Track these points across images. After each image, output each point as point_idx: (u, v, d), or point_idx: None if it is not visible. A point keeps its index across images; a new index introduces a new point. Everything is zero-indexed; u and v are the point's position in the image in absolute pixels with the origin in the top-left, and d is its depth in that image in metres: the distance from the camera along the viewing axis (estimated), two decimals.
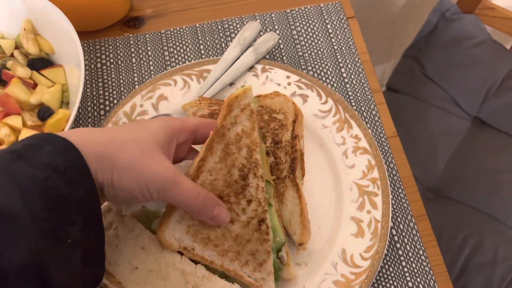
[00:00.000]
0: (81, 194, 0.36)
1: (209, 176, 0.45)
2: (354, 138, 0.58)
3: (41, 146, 0.36)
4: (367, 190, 0.55)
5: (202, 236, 0.44)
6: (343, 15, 0.70)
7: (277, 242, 0.47)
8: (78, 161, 0.36)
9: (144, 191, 0.39)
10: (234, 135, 0.45)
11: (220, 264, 0.44)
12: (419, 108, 1.04)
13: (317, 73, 0.65)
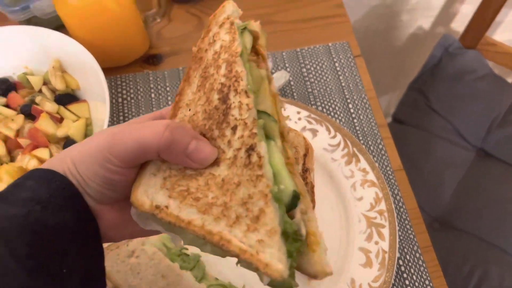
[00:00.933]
0: (70, 219, 0.34)
1: (187, 111, 0.37)
2: (362, 172, 0.61)
3: (23, 182, 0.36)
4: (375, 222, 0.58)
5: (180, 189, 0.34)
6: (350, 54, 0.74)
7: (284, 191, 0.32)
8: (62, 186, 0.35)
9: (105, 164, 0.34)
10: (212, 54, 0.38)
11: (201, 225, 0.32)
12: (425, 139, 1.07)
13: (325, 109, 0.69)
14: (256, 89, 0.36)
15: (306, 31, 0.76)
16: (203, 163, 0.34)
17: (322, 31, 0.76)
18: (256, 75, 0.36)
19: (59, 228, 0.34)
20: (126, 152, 0.33)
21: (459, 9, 1.25)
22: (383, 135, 0.67)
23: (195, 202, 0.33)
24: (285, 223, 0.31)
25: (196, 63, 0.38)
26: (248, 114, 0.34)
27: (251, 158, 0.33)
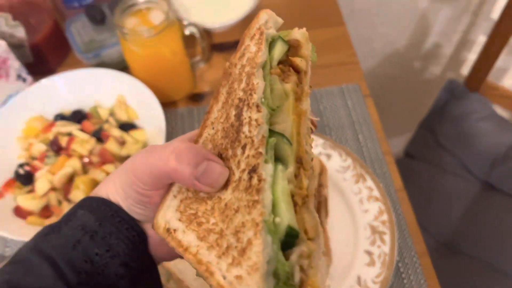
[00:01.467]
0: (120, 245, 0.36)
1: (211, 130, 0.35)
2: (368, 189, 0.73)
3: (75, 212, 0.38)
4: (378, 230, 0.69)
5: (190, 212, 0.33)
6: (361, 94, 0.88)
7: (279, 224, 0.28)
8: (110, 214, 0.37)
9: (133, 187, 0.35)
10: (239, 69, 0.34)
11: (194, 252, 0.30)
12: (434, 173, 1.18)
13: (338, 138, 0.82)
14: (276, 106, 0.33)
15: (323, 75, 0.90)
16: (213, 186, 0.32)
17: (336, 75, 0.90)
18: (277, 89, 0.33)
19: (111, 256, 0.35)
20: (144, 177, 0.34)
21: (467, 56, 1.39)
22: (388, 161, 0.79)
23: (198, 227, 0.31)
24: (278, 262, 0.27)
25: (226, 79, 0.36)
26: (257, 131, 0.30)
27: (252, 181, 0.29)
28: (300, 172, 0.31)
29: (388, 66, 1.42)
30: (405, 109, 1.47)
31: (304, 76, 0.34)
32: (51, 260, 0.35)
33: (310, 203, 0.31)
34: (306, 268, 0.28)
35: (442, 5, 1.27)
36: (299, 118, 0.32)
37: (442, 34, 1.36)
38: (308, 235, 0.29)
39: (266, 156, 0.30)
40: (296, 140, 0.32)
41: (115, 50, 0.88)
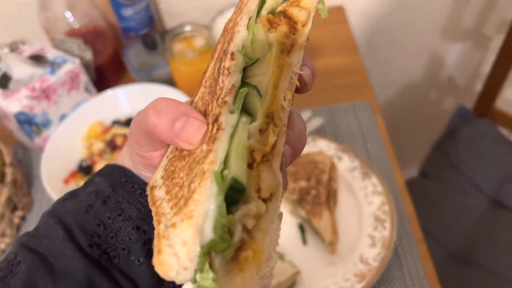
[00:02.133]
0: (133, 208, 0.38)
1: (203, 88, 0.33)
2: (372, 185, 0.85)
3: (93, 178, 0.40)
4: (380, 218, 0.81)
5: (171, 170, 0.32)
6: (371, 110, 1.01)
7: (226, 177, 0.27)
8: (122, 180, 0.38)
9: (135, 150, 0.36)
10: (233, 22, 0.32)
11: (158, 205, 0.30)
12: (445, 190, 1.27)
13: (350, 145, 0.95)
14: (256, 56, 0.30)
15: (338, 94, 1.05)
16: (190, 142, 0.29)
17: (350, 94, 1.04)
18: (260, 39, 0.30)
19: (121, 220, 0.37)
20: (138, 137, 0.34)
21: (479, 88, 1.50)
22: (392, 163, 0.91)
23: (169, 182, 0.30)
24: (218, 215, 0.25)
25: (223, 35, 0.34)
26: (228, 80, 0.28)
27: (213, 131, 0.28)
28: (268, 127, 0.29)
29: (404, 96, 1.55)
30: (420, 133, 1.58)
31: (301, 28, 0.32)
32: (64, 224, 0.37)
33: (275, 162, 0.29)
34: (251, 229, 0.26)
35: (453, 41, 1.40)
36: (280, 71, 0.30)
37: (455, 66, 1.49)
38: (260, 194, 0.27)
39: (233, 107, 0.28)
40: (271, 93, 0.30)
41: (163, 70, 1.05)
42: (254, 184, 0.28)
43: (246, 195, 0.27)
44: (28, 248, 0.36)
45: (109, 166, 0.40)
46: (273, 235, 0.27)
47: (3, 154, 0.93)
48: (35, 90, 0.90)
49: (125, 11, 1.05)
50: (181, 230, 0.25)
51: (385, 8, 1.28)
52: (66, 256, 0.35)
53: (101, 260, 0.36)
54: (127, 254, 0.37)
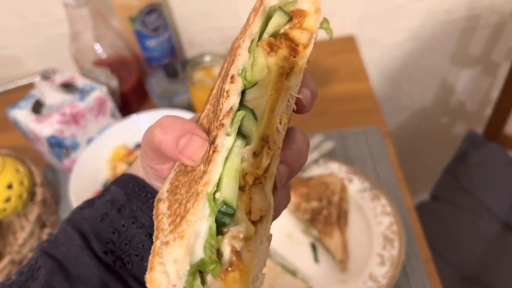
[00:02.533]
0: (146, 217, 0.39)
1: (209, 106, 0.34)
2: (381, 206, 0.89)
3: (109, 187, 0.41)
4: (389, 237, 0.84)
5: (175, 184, 0.33)
6: (380, 134, 1.06)
7: (218, 200, 0.28)
8: (136, 189, 0.40)
9: (146, 161, 0.38)
10: (238, 41, 0.33)
11: (159, 219, 0.31)
12: (457, 214, 1.29)
13: (360, 168, 0.99)
14: (253, 80, 0.31)
15: (349, 118, 1.10)
16: (193, 159, 0.31)
17: (361, 119, 1.09)
18: (260, 62, 0.31)
19: (134, 227, 0.39)
20: (148, 151, 0.36)
21: (489, 113, 1.53)
22: (400, 185, 0.95)
23: (172, 197, 0.32)
24: (208, 235, 0.27)
25: (229, 54, 0.35)
26: (227, 102, 0.29)
27: (209, 152, 0.29)
28: (262, 150, 0.29)
29: (415, 121, 1.59)
30: (432, 158, 1.61)
31: (302, 49, 0.32)
32: (81, 231, 0.38)
33: (267, 184, 0.29)
34: (240, 250, 0.27)
35: (462, 67, 1.45)
36: (278, 95, 0.31)
37: (465, 92, 1.53)
38: (250, 216, 0.28)
39: (230, 129, 0.29)
40: (267, 117, 0.30)
41: (184, 97, 1.12)
42: (244, 206, 0.28)
43: (236, 217, 0.28)
44: (47, 254, 0.38)
45: (125, 175, 0.42)
46: (261, 256, 0.28)
47: (34, 175, 1.00)
48: (65, 115, 0.98)
49: (149, 42, 1.13)
50: (173, 249, 0.26)
51: (395, 38, 1.34)
52: (82, 262, 0.37)
53: (115, 266, 0.38)
54: (140, 260, 0.38)
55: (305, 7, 0.33)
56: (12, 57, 1.29)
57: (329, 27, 0.34)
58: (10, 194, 0.93)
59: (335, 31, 1.28)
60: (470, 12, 1.27)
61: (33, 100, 1.03)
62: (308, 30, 0.32)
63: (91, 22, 1.06)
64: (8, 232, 1.00)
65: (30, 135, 1.01)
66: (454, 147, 1.42)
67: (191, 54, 1.31)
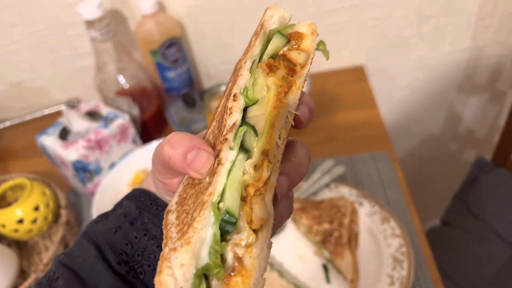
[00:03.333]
0: (157, 229, 0.41)
1: (215, 123, 0.37)
2: (391, 228, 0.92)
3: (121, 202, 0.43)
4: (398, 259, 0.87)
5: (184, 196, 0.35)
6: (389, 160, 1.10)
7: (221, 209, 0.30)
8: (148, 203, 0.42)
9: (156, 175, 0.40)
10: (240, 63, 0.36)
11: (168, 229, 0.33)
12: (467, 239, 1.31)
13: (369, 191, 1.03)
14: (254, 99, 0.34)
15: (359, 144, 1.14)
16: (200, 172, 0.33)
17: (370, 145, 1.14)
18: (260, 82, 0.34)
19: (146, 239, 0.41)
20: (157, 166, 0.38)
21: (497, 139, 1.57)
22: (410, 209, 0.98)
23: (180, 208, 0.34)
24: (213, 242, 0.29)
25: (233, 75, 0.37)
26: (230, 119, 0.32)
27: (214, 165, 0.31)
28: (263, 163, 0.32)
29: (424, 148, 1.63)
30: (442, 185, 1.64)
31: (299, 69, 0.35)
32: (96, 243, 0.40)
33: (267, 195, 0.31)
34: (242, 256, 0.29)
35: (469, 96, 1.50)
36: (277, 112, 0.33)
37: (473, 120, 1.56)
38: (251, 225, 0.30)
39: (233, 144, 0.32)
40: (267, 133, 0.32)
41: (201, 125, 1.18)
42: (246, 215, 0.30)
43: (238, 226, 0.30)
44: (64, 265, 0.40)
45: (136, 190, 0.44)
46: (261, 262, 0.29)
47: (59, 198, 1.06)
48: (90, 141, 1.04)
49: (168, 73, 1.21)
50: (180, 254, 0.28)
51: (403, 68, 1.39)
52: (97, 272, 0.39)
53: (128, 276, 0.39)
54: (152, 270, 0.40)
55: (302, 29, 0.35)
56: (41, 88, 1.38)
57: (326, 49, 0.36)
58: (37, 215, 0.98)
59: (344, 62, 1.35)
60: (474, 44, 1.33)
61: (60, 127, 1.10)
62: (305, 51, 0.35)
63: (115, 55, 1.14)
64: (33, 252, 1.05)
65: (56, 160, 1.08)
66: (463, 174, 1.45)
67: (208, 85, 1.38)
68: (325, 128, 1.20)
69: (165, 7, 1.22)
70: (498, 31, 1.30)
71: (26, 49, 1.28)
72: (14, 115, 1.41)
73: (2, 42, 1.27)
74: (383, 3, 1.23)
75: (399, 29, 1.29)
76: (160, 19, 1.15)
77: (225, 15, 1.24)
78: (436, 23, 1.28)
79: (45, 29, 1.25)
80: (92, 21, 1.06)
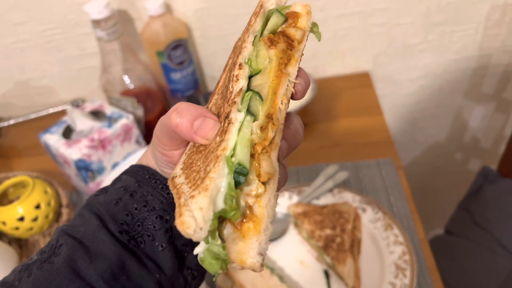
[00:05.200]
0: (156, 201, 0.43)
1: (216, 96, 0.40)
2: (394, 236, 0.91)
3: (120, 177, 0.46)
4: (401, 266, 0.86)
5: (189, 162, 0.37)
6: (393, 166, 1.09)
7: (234, 163, 0.33)
8: (146, 177, 0.44)
9: (157, 148, 0.42)
10: (242, 41, 0.39)
11: (178, 187, 0.35)
12: (471, 248, 1.29)
13: (374, 198, 1.02)
14: (259, 68, 0.37)
15: (363, 151, 1.13)
16: (206, 138, 0.35)
17: (374, 151, 1.13)
18: (262, 54, 0.37)
19: (146, 210, 0.42)
20: (162, 137, 0.40)
21: (503, 149, 1.55)
22: (413, 217, 0.97)
23: (188, 170, 0.36)
24: (228, 188, 0.32)
25: (233, 52, 0.40)
26: (237, 85, 0.35)
27: (225, 125, 0.34)
28: (268, 125, 0.35)
29: (430, 157, 1.61)
30: (447, 194, 1.62)
31: (297, 44, 0.38)
32: (97, 214, 0.42)
33: (273, 153, 0.34)
34: (252, 205, 0.32)
35: (476, 104, 1.48)
36: (279, 80, 0.36)
37: (479, 129, 1.55)
38: (260, 178, 0.33)
39: (240, 107, 0.35)
40: (271, 98, 0.36)
41: None
42: (255, 170, 0.33)
43: (248, 178, 0.33)
44: (68, 234, 0.42)
45: (134, 166, 0.47)
46: (270, 210, 0.33)
47: (61, 197, 1.06)
48: (93, 140, 1.04)
49: (174, 75, 1.21)
50: (198, 199, 0.31)
51: (409, 75, 1.39)
52: (100, 240, 0.40)
53: (129, 245, 0.41)
54: (152, 240, 0.42)
55: (298, 9, 0.39)
56: (47, 87, 1.38)
57: (318, 31, 0.40)
58: (38, 213, 0.98)
59: (350, 68, 1.34)
60: (481, 52, 1.32)
61: (64, 126, 1.10)
62: (301, 28, 0.39)
63: (121, 55, 1.14)
64: (33, 250, 1.04)
65: (59, 158, 1.08)
66: (468, 183, 1.43)
67: (213, 87, 1.38)
68: (330, 133, 1.20)
69: (172, 8, 1.22)
70: (506, 39, 1.30)
71: (32, 47, 1.29)
72: (19, 113, 1.41)
73: (8, 41, 1.27)
74: (390, 10, 1.23)
75: (406, 36, 1.29)
76: (166, 21, 1.16)
77: (231, 18, 1.23)
78: (444, 30, 1.27)
79: (52, 28, 1.25)
80: (99, 21, 1.06)
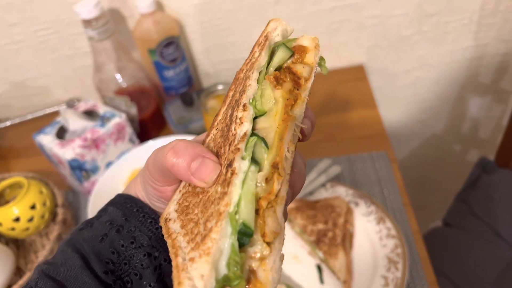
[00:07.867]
0: (144, 237, 0.39)
1: (215, 130, 0.37)
2: (387, 229, 0.91)
3: (106, 208, 0.43)
4: (393, 260, 0.86)
5: (185, 205, 0.35)
6: (387, 159, 1.08)
7: (238, 221, 0.30)
8: (134, 210, 0.41)
9: (149, 182, 0.39)
10: (244, 73, 0.37)
11: (173, 238, 0.33)
12: (469, 240, 1.29)
13: (367, 192, 1.02)
14: (264, 110, 0.34)
15: (357, 144, 1.13)
16: (205, 181, 0.33)
17: (368, 144, 1.12)
18: (267, 94, 0.34)
19: (133, 247, 0.39)
20: (154, 173, 0.37)
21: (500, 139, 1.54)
22: (406, 209, 0.97)
23: (184, 217, 0.33)
24: (231, 252, 0.29)
25: (234, 83, 0.38)
26: (240, 128, 0.32)
27: (227, 174, 0.31)
28: (273, 176, 0.32)
29: (427, 148, 1.61)
30: (445, 185, 1.61)
31: (304, 82, 0.35)
32: (81, 252, 0.39)
33: (278, 208, 0.31)
34: (256, 269, 0.29)
35: (473, 95, 1.47)
36: (285, 125, 0.33)
37: (476, 120, 1.54)
38: (265, 238, 0.30)
39: (244, 154, 0.32)
40: (277, 146, 0.33)
41: (198, 123, 1.18)
42: (260, 229, 0.30)
43: (253, 238, 0.30)
44: (47, 275, 0.38)
45: (121, 196, 0.44)
46: (275, 274, 0.30)
47: (56, 197, 1.06)
48: (86, 140, 1.04)
49: (167, 72, 1.21)
50: (199, 265, 0.28)
51: (404, 67, 1.38)
52: (82, 283, 0.37)
53: (115, 286, 0.38)
54: (139, 279, 0.39)
55: (306, 43, 0.36)
56: (43, 87, 1.39)
57: (325, 65, 0.38)
58: (33, 214, 0.99)
59: (344, 61, 1.34)
60: (476, 42, 1.31)
61: (57, 126, 1.10)
62: (309, 64, 0.36)
63: (114, 54, 1.14)
64: (30, 250, 1.05)
65: (53, 158, 1.08)
66: (466, 174, 1.43)
67: (207, 84, 1.38)
68: (324, 128, 1.19)
69: (163, 6, 1.22)
70: (501, 29, 1.28)
71: (27, 48, 1.29)
72: (15, 114, 1.42)
73: (2, 42, 1.28)
74: (383, 1, 1.22)
75: (400, 28, 1.28)
76: (158, 18, 1.15)
77: (223, 14, 1.23)
78: (438, 21, 1.26)
79: (46, 29, 1.25)
80: (89, 20, 1.06)
